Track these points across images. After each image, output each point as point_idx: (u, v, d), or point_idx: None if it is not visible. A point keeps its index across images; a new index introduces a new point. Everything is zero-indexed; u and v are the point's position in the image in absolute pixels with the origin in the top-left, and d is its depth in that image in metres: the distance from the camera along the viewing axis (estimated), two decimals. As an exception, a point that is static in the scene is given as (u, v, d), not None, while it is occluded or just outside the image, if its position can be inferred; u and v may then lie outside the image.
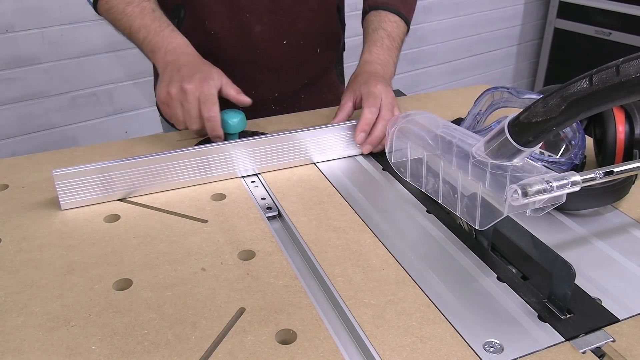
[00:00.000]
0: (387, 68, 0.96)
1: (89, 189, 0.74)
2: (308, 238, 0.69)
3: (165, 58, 0.88)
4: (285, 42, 1.04)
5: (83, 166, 0.73)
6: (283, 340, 0.54)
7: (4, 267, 0.64)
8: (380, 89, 0.87)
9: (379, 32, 0.99)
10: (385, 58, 0.97)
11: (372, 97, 0.86)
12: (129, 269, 0.63)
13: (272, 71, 1.06)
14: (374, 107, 0.85)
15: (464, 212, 0.65)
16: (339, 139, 0.87)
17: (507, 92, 0.87)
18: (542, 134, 0.52)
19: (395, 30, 1.00)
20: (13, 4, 1.76)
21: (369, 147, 0.87)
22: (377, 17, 1.02)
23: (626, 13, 2.66)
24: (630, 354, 0.52)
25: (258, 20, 1.00)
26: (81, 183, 0.74)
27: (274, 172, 0.84)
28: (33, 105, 1.92)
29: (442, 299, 0.59)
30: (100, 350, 0.52)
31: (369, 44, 0.99)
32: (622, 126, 0.78)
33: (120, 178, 0.75)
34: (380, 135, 0.86)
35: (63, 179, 0.73)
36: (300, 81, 1.11)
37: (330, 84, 1.18)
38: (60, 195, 0.73)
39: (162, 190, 0.78)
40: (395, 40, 1.00)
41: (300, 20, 1.04)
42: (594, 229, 0.71)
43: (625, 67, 0.45)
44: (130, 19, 0.90)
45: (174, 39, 0.89)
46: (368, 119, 0.85)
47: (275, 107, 1.10)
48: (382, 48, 0.98)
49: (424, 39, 2.78)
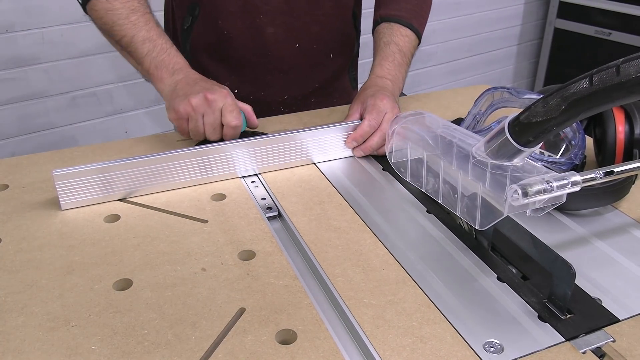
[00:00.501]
0: (397, 84, 0.97)
1: (89, 189, 0.74)
2: (308, 238, 0.69)
3: (173, 77, 0.86)
4: (297, 45, 1.04)
5: (83, 166, 0.73)
6: (283, 341, 0.54)
7: (4, 267, 0.64)
8: (386, 103, 0.87)
9: (390, 46, 0.99)
10: (395, 74, 0.97)
11: (376, 110, 0.86)
12: (129, 269, 0.63)
13: (282, 73, 1.05)
14: (375, 120, 0.86)
15: (464, 212, 0.65)
16: (340, 139, 0.87)
17: (507, 92, 0.87)
18: (542, 134, 0.52)
19: (406, 45, 1.01)
20: (13, 4, 1.76)
21: (361, 152, 0.88)
22: (389, 30, 1.01)
23: (626, 13, 2.66)
24: (631, 354, 0.52)
25: (271, 22, 1.00)
26: (81, 183, 0.74)
27: (274, 173, 0.84)
28: (33, 105, 1.92)
29: (442, 299, 0.59)
30: (100, 350, 0.52)
31: (380, 58, 0.99)
32: (622, 126, 0.78)
33: (121, 178, 0.75)
34: (375, 146, 0.87)
35: (63, 179, 0.73)
36: (311, 85, 1.11)
37: (342, 89, 1.17)
38: (61, 195, 0.73)
39: (162, 190, 0.78)
40: (406, 55, 1.01)
41: (314, 24, 1.03)
42: (594, 229, 0.71)
43: (626, 67, 0.45)
44: (135, 28, 0.88)
45: (179, 59, 0.89)
46: (364, 132, 0.86)
47: (284, 109, 1.10)
48: (394, 64, 0.98)
49: (424, 39, 2.75)
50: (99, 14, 0.92)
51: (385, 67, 0.97)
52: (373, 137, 0.86)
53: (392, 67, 0.97)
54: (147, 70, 0.89)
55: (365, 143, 0.87)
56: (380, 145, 0.87)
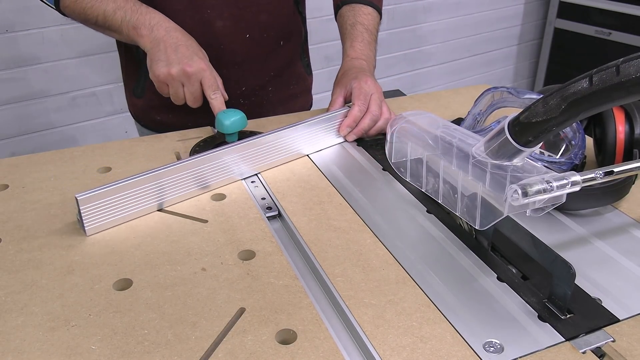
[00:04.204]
0: (370, 62, 1.02)
1: (111, 210, 0.70)
2: (308, 238, 0.69)
3: (152, 34, 0.89)
4: (247, 35, 1.05)
5: (106, 186, 0.69)
6: (283, 340, 0.54)
7: (4, 267, 0.64)
8: (370, 84, 0.93)
9: (357, 27, 1.05)
10: (367, 53, 1.03)
11: (363, 93, 0.92)
12: (129, 269, 0.63)
13: (236, 65, 1.06)
14: (364, 105, 0.91)
15: (464, 212, 0.65)
16: (331, 127, 0.91)
17: (507, 92, 0.87)
18: (542, 134, 0.52)
19: (371, 22, 1.06)
20: (13, 4, 1.76)
21: (353, 136, 0.93)
22: (352, 12, 1.07)
23: (626, 13, 2.66)
24: (630, 354, 0.52)
25: (219, 15, 1.01)
26: (105, 204, 0.70)
27: (274, 173, 0.84)
28: (33, 105, 1.92)
29: (442, 299, 0.59)
30: (100, 350, 0.52)
31: (350, 40, 1.04)
32: (622, 126, 0.78)
33: (148, 191, 0.72)
34: (366, 128, 0.92)
35: (88, 203, 0.68)
36: (266, 74, 1.12)
37: (298, 75, 1.19)
38: (85, 221, 0.68)
39: (177, 202, 0.77)
40: (373, 32, 1.06)
41: (261, 13, 1.05)
42: (594, 229, 0.71)
43: (625, 67, 0.45)
44: (103, 4, 0.91)
45: (154, 13, 0.91)
46: (356, 116, 0.91)
47: (243, 101, 1.11)
48: (364, 43, 1.03)
49: (424, 39, 2.78)
50: (71, 8, 0.94)
51: (356, 48, 1.02)
52: (364, 120, 0.91)
53: (363, 47, 1.03)
54: (127, 36, 0.92)
55: (356, 127, 0.92)
56: (371, 127, 0.92)
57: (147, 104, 1.10)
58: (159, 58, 0.88)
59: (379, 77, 2.90)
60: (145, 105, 1.11)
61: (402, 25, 2.66)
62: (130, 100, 1.15)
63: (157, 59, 0.88)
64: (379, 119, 0.92)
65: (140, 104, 1.12)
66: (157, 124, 1.11)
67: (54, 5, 0.96)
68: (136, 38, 0.91)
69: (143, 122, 1.15)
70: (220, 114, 0.87)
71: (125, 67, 1.13)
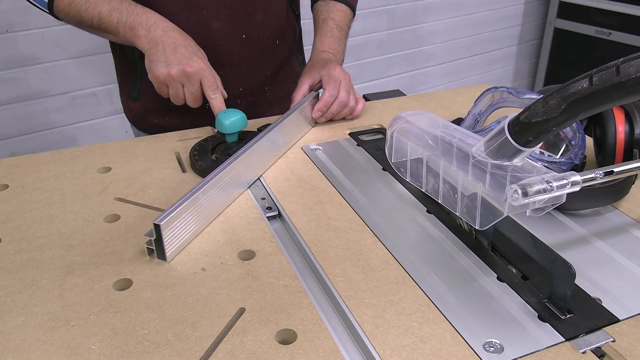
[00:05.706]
0: (338, 56, 1.09)
1: (181, 230, 0.66)
2: (308, 238, 0.69)
3: (150, 34, 0.89)
4: (244, 35, 1.05)
5: (176, 206, 0.65)
6: (283, 340, 0.54)
7: (4, 267, 0.64)
8: (339, 71, 0.99)
9: (328, 23, 1.11)
10: (335, 47, 1.10)
11: (333, 80, 0.98)
12: (129, 269, 0.63)
13: (234, 66, 1.07)
14: (334, 90, 0.97)
15: (464, 212, 0.65)
16: (305, 117, 0.97)
17: (507, 92, 0.87)
18: (542, 134, 0.52)
19: (343, 19, 1.13)
20: (13, 4, 1.76)
21: (323, 119, 1.00)
22: (326, 8, 1.13)
23: (626, 13, 2.66)
24: (630, 354, 0.52)
25: (215, 16, 1.01)
26: (178, 225, 0.66)
27: (274, 173, 0.84)
28: (33, 105, 1.92)
29: (442, 299, 0.59)
30: (100, 350, 0.52)
31: (320, 34, 1.11)
32: (622, 126, 0.78)
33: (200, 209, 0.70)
34: (335, 112, 0.99)
35: (168, 227, 0.63)
36: (263, 73, 1.13)
37: (294, 73, 1.19)
38: (167, 246, 0.64)
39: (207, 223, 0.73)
40: (343, 29, 1.13)
41: (257, 12, 1.05)
42: (594, 229, 0.71)
43: (625, 67, 0.45)
44: (97, 5, 0.91)
45: (150, 14, 0.91)
46: (327, 102, 0.97)
47: (240, 102, 1.11)
48: (333, 38, 1.10)
49: (424, 39, 2.78)
50: (65, 12, 0.94)
51: (325, 42, 1.09)
52: (333, 105, 0.98)
53: (331, 42, 1.09)
54: (124, 37, 0.91)
55: (327, 111, 0.98)
56: (339, 111, 0.99)
57: (144, 107, 1.10)
58: (158, 59, 0.88)
59: (379, 77, 2.90)
60: (142, 109, 1.11)
61: (402, 25, 2.66)
62: (126, 105, 1.15)
63: (156, 60, 0.88)
64: (347, 105, 0.99)
65: (136, 107, 1.12)
66: (154, 127, 1.10)
67: (47, 8, 0.96)
68: (133, 39, 0.90)
69: (140, 125, 1.15)
70: (220, 114, 0.87)
71: (121, 71, 1.13)
